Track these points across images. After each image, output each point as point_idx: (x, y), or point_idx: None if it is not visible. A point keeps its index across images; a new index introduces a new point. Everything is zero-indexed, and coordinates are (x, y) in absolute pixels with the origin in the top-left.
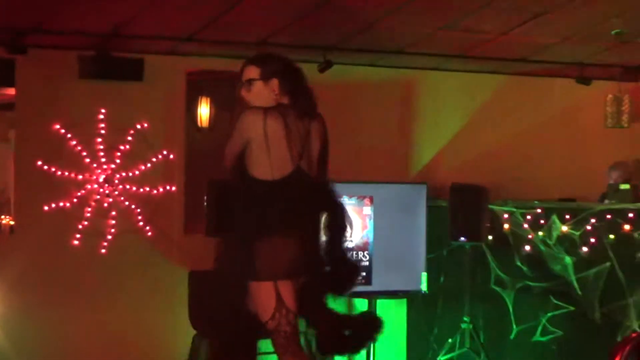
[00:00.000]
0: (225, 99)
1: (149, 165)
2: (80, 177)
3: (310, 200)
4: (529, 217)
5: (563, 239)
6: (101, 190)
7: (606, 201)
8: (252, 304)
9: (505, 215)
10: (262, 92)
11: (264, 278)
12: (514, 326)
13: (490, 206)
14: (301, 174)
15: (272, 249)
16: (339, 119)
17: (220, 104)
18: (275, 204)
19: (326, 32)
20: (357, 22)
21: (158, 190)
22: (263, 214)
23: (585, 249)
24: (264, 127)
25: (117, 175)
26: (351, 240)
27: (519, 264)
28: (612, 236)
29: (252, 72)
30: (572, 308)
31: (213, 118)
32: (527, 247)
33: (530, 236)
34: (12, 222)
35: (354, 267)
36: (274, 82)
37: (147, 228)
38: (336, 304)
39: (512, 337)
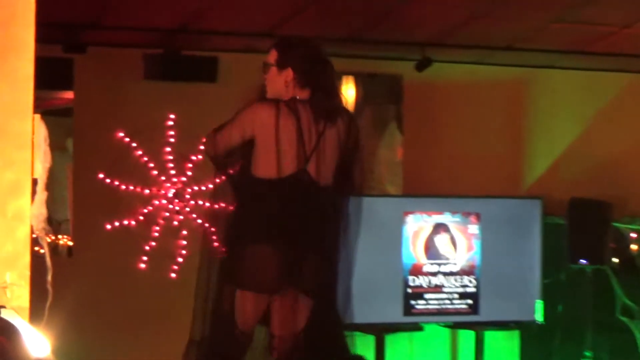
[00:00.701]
0: None
1: (224, 178)
2: (147, 191)
3: (310, 208)
4: None
5: None
6: (170, 206)
7: None
8: (235, 312)
9: (633, 235)
10: (275, 80)
11: (245, 287)
12: None
13: (615, 224)
14: (304, 179)
15: (257, 256)
16: (439, 123)
17: None
18: (267, 206)
19: (425, 27)
20: (460, 15)
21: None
22: (253, 216)
23: None
24: (275, 124)
25: (189, 190)
26: (454, 263)
27: None
28: None
29: (271, 55)
30: None
31: None
32: None
33: None
34: (70, 243)
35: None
36: (289, 72)
37: (224, 249)
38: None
39: None
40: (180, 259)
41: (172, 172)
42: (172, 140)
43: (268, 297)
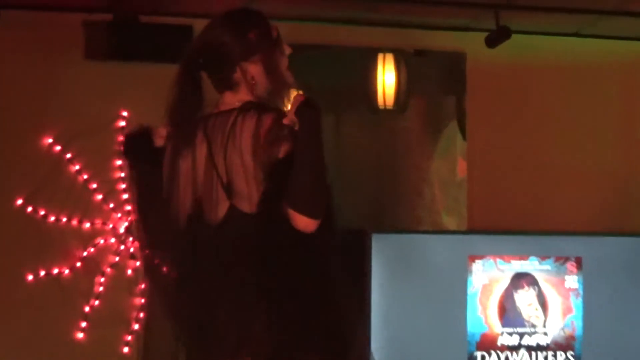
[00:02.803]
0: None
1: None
2: (87, 225)
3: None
4: None
5: None
6: (122, 247)
7: None
8: None
9: None
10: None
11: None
12: None
13: None
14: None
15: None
16: (519, 124)
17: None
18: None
19: None
20: None
21: None
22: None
23: None
24: None
25: None
26: (544, 333)
27: None
28: None
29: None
30: None
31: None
32: None
33: None
34: None
35: None
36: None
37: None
38: None
39: None
40: (136, 326)
41: (125, 196)
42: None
43: None
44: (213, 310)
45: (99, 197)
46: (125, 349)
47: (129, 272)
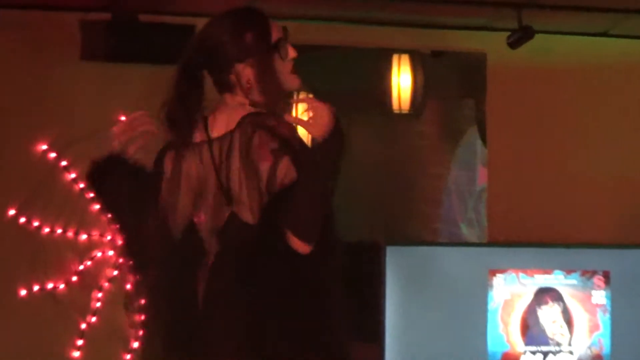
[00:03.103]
0: None
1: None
2: (83, 237)
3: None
4: None
5: None
6: (121, 260)
7: None
8: None
9: None
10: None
11: None
12: None
13: None
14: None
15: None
16: (544, 129)
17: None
18: None
19: None
20: None
21: None
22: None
23: None
24: None
25: None
26: (569, 352)
27: None
28: None
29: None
30: None
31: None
32: None
33: None
34: None
35: None
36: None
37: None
38: None
39: None
40: (135, 344)
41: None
42: None
43: None
44: (206, 319)
45: (96, 207)
46: None
47: (128, 286)
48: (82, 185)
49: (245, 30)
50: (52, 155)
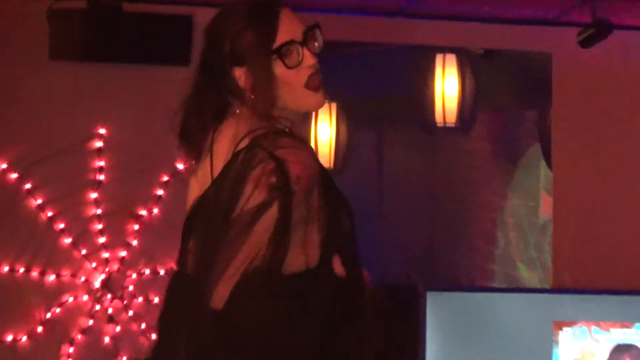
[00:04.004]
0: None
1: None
2: (51, 277)
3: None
4: None
5: None
6: (97, 307)
7: None
8: None
9: None
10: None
11: None
12: None
13: None
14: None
15: None
16: (622, 147)
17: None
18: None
19: None
20: None
21: None
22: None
23: None
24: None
25: (131, 275)
26: None
27: None
28: None
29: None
30: None
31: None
32: None
33: None
34: None
35: None
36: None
37: None
38: None
39: None
40: None
41: (101, 240)
42: (101, 178)
43: None
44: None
45: (67, 240)
46: None
47: (106, 339)
48: (50, 214)
49: (246, 27)
50: (13, 176)
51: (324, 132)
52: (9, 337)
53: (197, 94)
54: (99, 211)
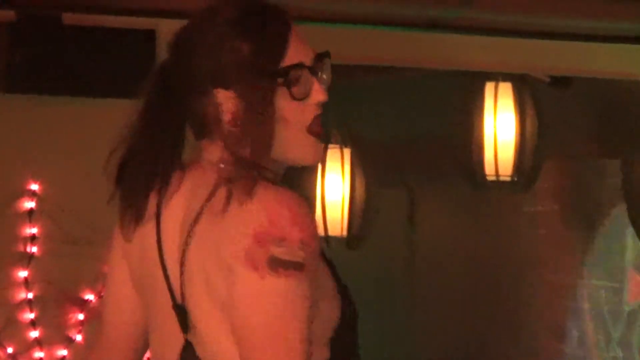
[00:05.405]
0: None
1: None
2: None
3: None
4: None
5: None
6: None
7: None
8: None
9: None
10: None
11: None
12: None
13: None
14: None
15: None
16: None
17: None
18: None
19: None
20: None
21: None
22: None
23: None
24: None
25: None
26: None
27: None
28: None
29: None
30: None
31: None
32: None
33: None
34: None
35: None
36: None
37: None
38: None
39: None
40: None
41: (34, 334)
42: (33, 251)
43: None
44: None
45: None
46: None
47: None
48: None
49: (240, 35)
50: None
51: (335, 188)
52: None
53: (147, 126)
54: (30, 295)
